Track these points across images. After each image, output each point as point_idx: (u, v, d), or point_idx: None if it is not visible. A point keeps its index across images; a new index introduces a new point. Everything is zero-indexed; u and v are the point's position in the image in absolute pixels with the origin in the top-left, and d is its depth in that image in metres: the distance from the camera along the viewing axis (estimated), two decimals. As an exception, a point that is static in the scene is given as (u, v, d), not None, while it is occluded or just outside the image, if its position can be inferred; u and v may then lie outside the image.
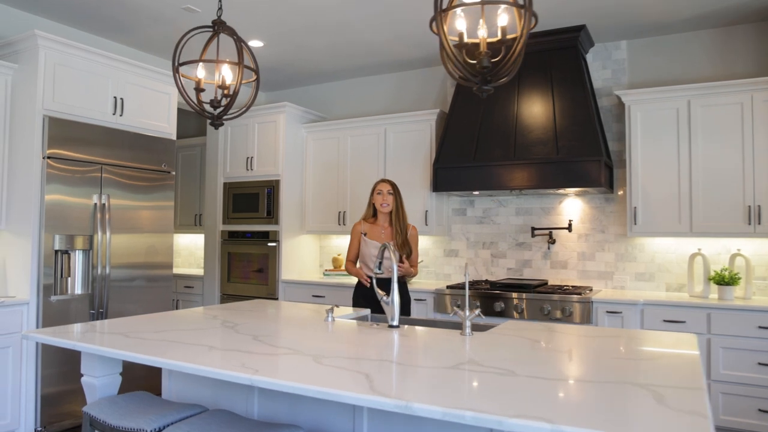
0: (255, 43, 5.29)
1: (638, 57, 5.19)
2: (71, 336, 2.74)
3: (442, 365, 2.26)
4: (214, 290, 6.27)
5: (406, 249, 4.16)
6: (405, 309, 4.16)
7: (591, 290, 4.93)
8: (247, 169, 6.10)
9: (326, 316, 3.33)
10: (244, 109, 3.14)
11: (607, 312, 4.53)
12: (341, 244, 6.33)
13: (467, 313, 2.98)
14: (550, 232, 5.32)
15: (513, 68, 2.47)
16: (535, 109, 5.00)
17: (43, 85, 4.15)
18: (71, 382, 4.20)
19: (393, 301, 3.18)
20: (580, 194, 5.23)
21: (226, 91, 3.10)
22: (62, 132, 4.23)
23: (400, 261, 4.14)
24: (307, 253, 6.27)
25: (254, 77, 3.18)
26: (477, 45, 2.51)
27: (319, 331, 3.02)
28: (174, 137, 5.07)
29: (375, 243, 4.18)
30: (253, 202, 6.01)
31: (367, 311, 3.76)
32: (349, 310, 3.73)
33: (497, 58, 2.45)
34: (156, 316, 3.39)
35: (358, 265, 4.34)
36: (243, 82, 3.06)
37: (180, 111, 5.33)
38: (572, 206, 5.33)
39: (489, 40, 2.49)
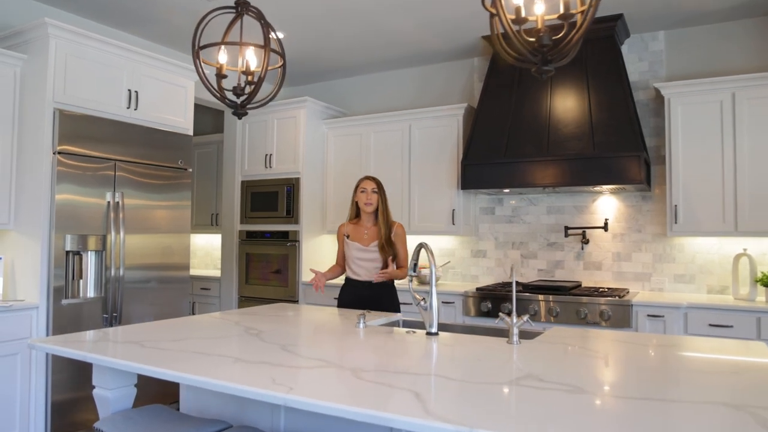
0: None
1: (677, 48, 4.86)
2: (82, 346, 2.45)
3: (499, 380, 1.97)
4: (232, 292, 5.99)
5: (392, 250, 3.84)
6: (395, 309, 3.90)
7: (628, 293, 4.61)
8: (266, 167, 5.81)
9: (357, 321, 3.03)
10: (269, 96, 2.84)
11: (648, 316, 4.21)
12: (362, 244, 6.05)
13: (514, 319, 2.68)
14: (584, 231, 5.00)
15: (576, 46, 2.17)
16: (569, 103, 4.69)
17: (54, 77, 3.87)
18: (84, 388, 3.92)
19: (432, 306, 2.88)
20: (616, 192, 4.90)
21: (250, 78, 2.81)
22: (73, 126, 3.96)
23: (385, 265, 3.83)
24: (328, 253, 5.96)
25: (280, 63, 2.88)
26: (532, 22, 2.20)
27: (351, 339, 2.73)
28: (191, 132, 4.78)
29: (357, 245, 3.87)
30: (272, 201, 5.72)
31: (398, 316, 3.47)
32: (380, 315, 3.42)
33: (559, 35, 2.15)
34: (173, 322, 3.10)
35: (345, 268, 4.04)
36: (269, 68, 2.76)
37: (196, 106, 5.04)
38: (607, 204, 5.00)
39: (547, 17, 2.19)
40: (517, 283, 5.09)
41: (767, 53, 4.57)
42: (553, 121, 4.69)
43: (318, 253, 5.80)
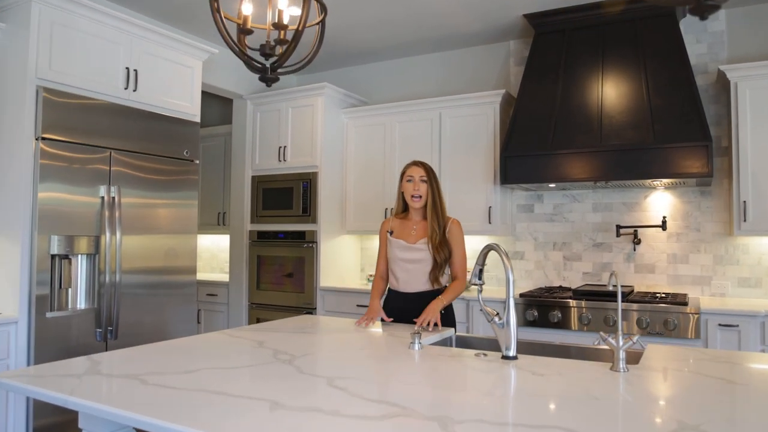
0: (293, 11, 4.29)
1: (739, 28, 4.20)
2: (62, 384, 1.75)
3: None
4: (242, 299, 5.26)
5: (445, 251, 2.95)
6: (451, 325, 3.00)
7: (688, 298, 3.95)
8: (280, 161, 5.09)
9: (411, 341, 2.34)
10: (307, 58, 2.15)
11: (720, 325, 3.56)
12: (385, 245, 5.34)
13: (621, 341, 2.01)
14: (636, 231, 4.32)
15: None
16: (624, 88, 4.02)
17: (37, 49, 3.15)
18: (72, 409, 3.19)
19: (509, 323, 2.20)
20: (671, 187, 4.24)
21: (282, 34, 2.11)
22: (60, 108, 3.24)
23: (435, 274, 2.96)
24: (348, 256, 5.26)
25: (320, 17, 2.19)
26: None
27: (411, 366, 2.05)
28: (198, 119, 4.07)
29: (401, 243, 3.01)
30: (287, 197, 5.01)
31: (450, 332, 2.78)
32: (427, 331, 2.72)
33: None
34: (181, 343, 2.40)
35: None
36: (308, 25, 2.07)
37: (202, 94, 4.30)
38: (661, 201, 4.33)
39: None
40: (560, 287, 4.41)
41: (843, 31, 3.93)
42: (606, 108, 4.02)
43: (337, 255, 5.09)
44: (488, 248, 2.40)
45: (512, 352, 2.17)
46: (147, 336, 3.62)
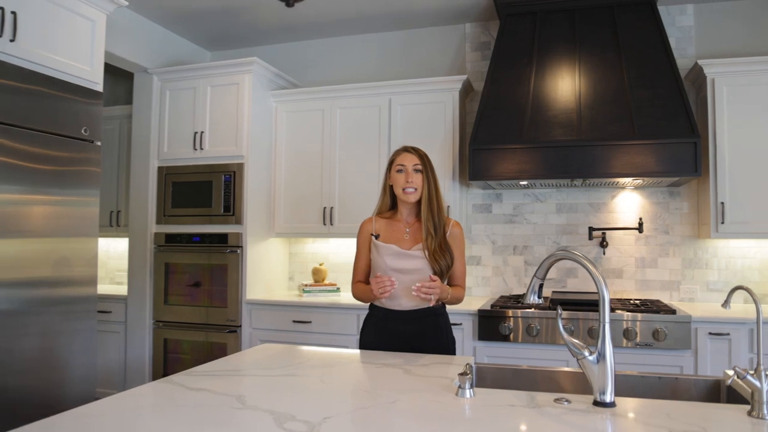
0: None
1: (707, 24, 3.91)
2: None
3: None
4: (144, 316, 4.17)
5: (446, 258, 2.33)
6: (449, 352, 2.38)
7: (663, 304, 3.56)
8: (195, 149, 4.08)
9: (461, 386, 1.62)
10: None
11: (710, 334, 3.20)
12: (321, 250, 4.48)
13: (765, 381, 1.44)
14: (604, 234, 3.88)
15: None
16: (602, 78, 3.57)
17: None
18: None
19: (605, 355, 1.56)
20: (641, 187, 3.86)
21: None
22: None
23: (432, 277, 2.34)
24: (276, 262, 4.37)
25: None
26: None
27: (486, 429, 1.36)
28: (100, 88, 3.02)
29: (393, 248, 2.35)
30: (204, 193, 4.02)
31: (470, 362, 2.09)
32: (440, 360, 2.02)
33: None
34: (108, 409, 1.50)
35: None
36: None
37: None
38: (628, 202, 3.93)
39: None
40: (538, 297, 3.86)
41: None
42: (585, 99, 3.54)
43: (264, 262, 4.18)
44: (555, 257, 1.75)
45: (609, 397, 1.53)
46: (26, 378, 2.58)
